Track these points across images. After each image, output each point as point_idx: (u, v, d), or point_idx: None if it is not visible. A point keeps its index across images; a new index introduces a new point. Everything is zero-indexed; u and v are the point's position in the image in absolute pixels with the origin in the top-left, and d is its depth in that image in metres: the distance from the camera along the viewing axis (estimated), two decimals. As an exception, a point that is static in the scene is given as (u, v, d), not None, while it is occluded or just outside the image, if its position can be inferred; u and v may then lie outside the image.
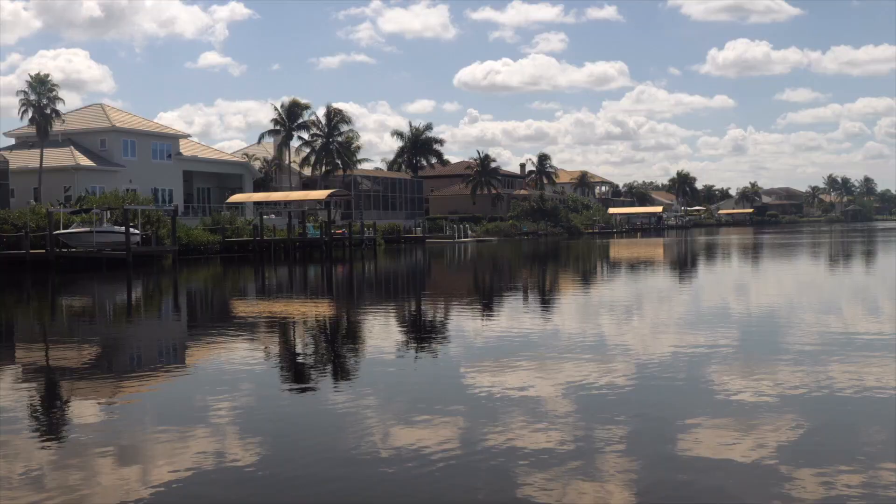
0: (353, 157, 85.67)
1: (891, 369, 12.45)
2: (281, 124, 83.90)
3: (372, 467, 8.24)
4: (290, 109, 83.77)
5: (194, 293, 33.01)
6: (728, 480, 7.65)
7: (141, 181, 62.64)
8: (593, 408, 10.52)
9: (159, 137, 67.52)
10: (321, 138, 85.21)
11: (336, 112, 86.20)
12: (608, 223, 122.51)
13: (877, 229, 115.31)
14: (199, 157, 71.95)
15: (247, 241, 59.62)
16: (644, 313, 21.67)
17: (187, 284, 36.90)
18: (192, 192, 72.27)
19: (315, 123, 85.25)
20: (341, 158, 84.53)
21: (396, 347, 16.51)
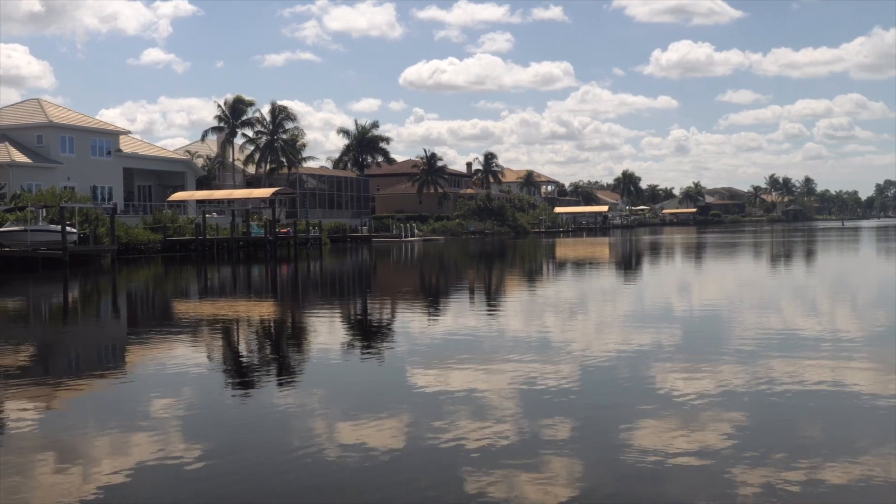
0: (298, 154, 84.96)
1: (829, 366, 12.69)
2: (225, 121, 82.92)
3: (317, 467, 8.13)
4: (234, 106, 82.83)
5: (134, 294, 32.32)
6: (672, 476, 7.69)
7: (79, 178, 61.28)
8: (538, 406, 10.51)
9: (99, 134, 66.10)
10: (266, 136, 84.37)
11: (281, 109, 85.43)
12: (554, 222, 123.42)
13: (817, 229, 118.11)
14: (139, 155, 70.64)
15: (189, 241, 58.72)
16: (589, 312, 21.78)
17: (127, 285, 36.14)
18: (132, 189, 70.89)
19: (259, 121, 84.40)
20: (286, 156, 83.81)
21: (342, 347, 16.33)
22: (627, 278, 35.09)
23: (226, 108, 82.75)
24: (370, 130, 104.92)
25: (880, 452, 8.20)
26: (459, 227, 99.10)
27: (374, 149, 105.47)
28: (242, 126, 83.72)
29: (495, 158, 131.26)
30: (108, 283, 36.52)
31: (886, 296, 24.90)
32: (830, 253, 52.90)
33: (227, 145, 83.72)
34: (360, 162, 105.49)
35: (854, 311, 20.62)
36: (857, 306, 21.99)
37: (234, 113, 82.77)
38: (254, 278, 39.57)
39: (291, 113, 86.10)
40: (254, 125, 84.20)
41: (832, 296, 25.36)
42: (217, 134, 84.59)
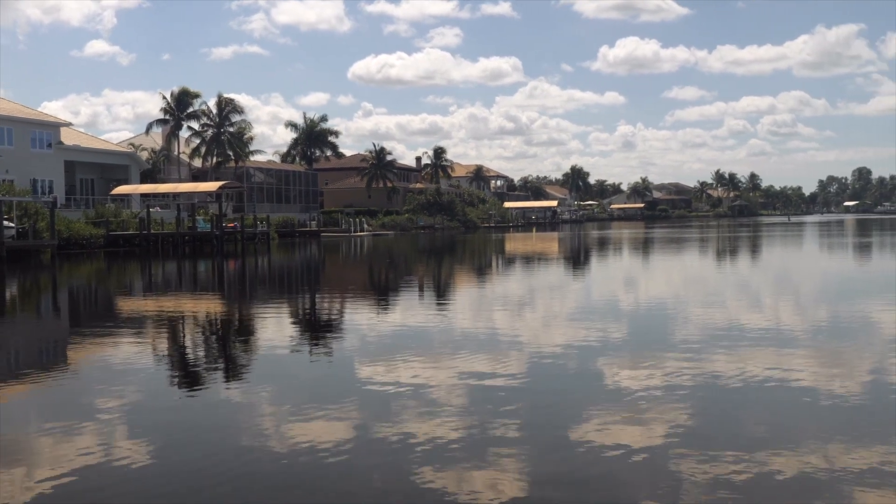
0: (245, 148, 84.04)
1: (772, 359, 12.87)
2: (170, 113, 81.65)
3: (266, 464, 8.03)
4: (179, 98, 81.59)
5: (76, 290, 31.65)
6: (619, 469, 7.74)
7: (18, 171, 59.78)
8: (487, 400, 10.51)
9: (39, 125, 64.55)
10: (212, 128, 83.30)
11: (228, 102, 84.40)
12: (504, 217, 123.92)
13: (762, 224, 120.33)
14: (82, 147, 69.17)
15: (133, 235, 57.69)
16: (537, 307, 21.87)
17: (68, 281, 35.38)
18: (74, 183, 69.42)
19: (206, 113, 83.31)
20: (233, 149, 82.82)
21: (290, 343, 16.16)
22: (576, 273, 35.35)
23: (171, 100, 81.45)
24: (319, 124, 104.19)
25: (823, 445, 8.35)
26: (409, 221, 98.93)
27: (322, 142, 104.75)
28: (188, 118, 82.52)
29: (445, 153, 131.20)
30: (48, 279, 35.70)
31: (829, 290, 25.43)
32: (774, 248, 53.89)
33: (173, 138, 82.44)
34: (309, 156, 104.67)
35: (797, 306, 20.99)
36: (801, 301, 22.39)
37: (180, 105, 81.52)
38: (200, 274, 39.03)
39: (238, 105, 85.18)
40: (200, 118, 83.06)
41: (776, 290, 25.81)
42: (162, 126, 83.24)
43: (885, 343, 14.50)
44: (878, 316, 18.12)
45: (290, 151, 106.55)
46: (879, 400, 10.31)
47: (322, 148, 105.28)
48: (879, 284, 26.99)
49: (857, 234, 73.89)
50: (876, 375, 11.70)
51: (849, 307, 19.94)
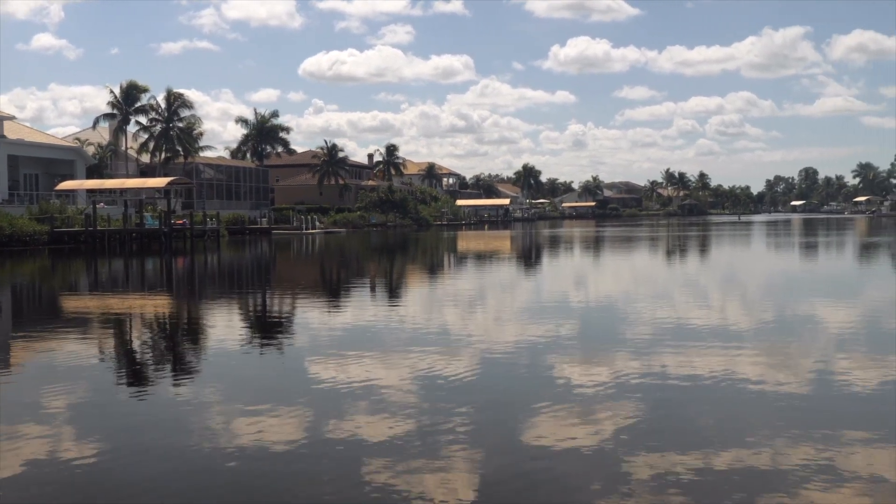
0: (194, 143, 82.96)
1: (719, 357, 13.06)
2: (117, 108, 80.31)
3: (215, 462, 7.95)
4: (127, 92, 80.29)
5: (19, 288, 30.96)
6: (568, 465, 7.80)
7: (-40, 166, 58.25)
8: (438, 397, 10.52)
9: (-19, 119, 62.97)
10: (161, 123, 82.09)
11: (177, 96, 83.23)
12: (456, 215, 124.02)
13: (711, 223, 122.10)
14: (25, 141, 67.68)
15: (78, 232, 56.57)
16: (488, 305, 21.93)
17: (10, 279, 34.57)
18: (17, 178, 67.81)
19: (154, 108, 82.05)
20: (182, 145, 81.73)
21: (240, 341, 15.99)
22: (527, 271, 35.53)
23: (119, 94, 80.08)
24: (269, 120, 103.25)
25: (769, 441, 8.49)
26: (361, 219, 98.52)
27: (273, 139, 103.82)
28: (136, 113, 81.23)
29: (397, 150, 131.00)
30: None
31: (775, 288, 25.90)
32: (723, 247, 54.72)
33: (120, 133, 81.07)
34: (260, 152, 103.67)
35: (744, 304, 21.33)
36: (748, 298, 22.76)
37: (128, 99, 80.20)
38: (148, 271, 38.45)
39: (188, 100, 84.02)
40: (148, 112, 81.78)
41: (724, 288, 26.21)
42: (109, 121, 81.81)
43: (828, 340, 14.81)
44: (822, 313, 18.50)
45: (241, 147, 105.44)
46: (824, 396, 10.53)
47: (273, 144, 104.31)
48: (823, 282, 27.58)
49: (803, 233, 75.39)
50: (820, 372, 11.94)
51: (794, 305, 20.32)
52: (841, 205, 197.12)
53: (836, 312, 18.55)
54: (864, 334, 15.66)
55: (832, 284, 26.62)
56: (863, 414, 9.50)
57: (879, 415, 9.49)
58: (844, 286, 25.98)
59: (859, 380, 11.24)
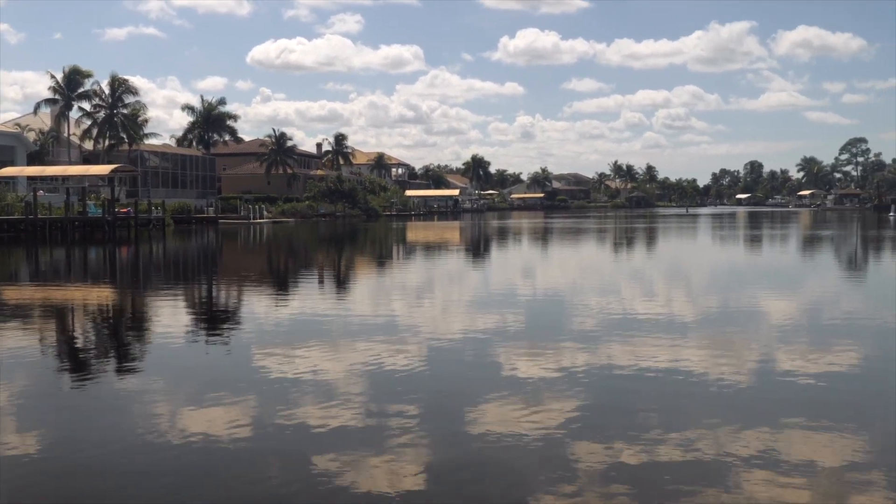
0: (139, 130, 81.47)
1: (664, 347, 13.25)
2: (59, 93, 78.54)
3: (160, 454, 7.86)
4: (70, 77, 78.54)
5: (-43, 275, 30.12)
6: (515, 454, 7.85)
7: None
8: (385, 388, 10.53)
9: (-84, 103, 61.07)
10: (105, 109, 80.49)
11: (121, 82, 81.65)
12: (406, 205, 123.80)
13: (658, 215, 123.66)
14: (-37, 127, 65.80)
15: (18, 220, 55.26)
16: (436, 295, 21.95)
17: (-52, 266, 33.64)
18: (-45, 164, 66.01)
19: (98, 94, 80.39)
20: (127, 132, 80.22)
21: (185, 332, 15.78)
22: (475, 262, 35.63)
23: (61, 79, 78.30)
24: (217, 107, 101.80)
25: (712, 430, 8.64)
26: (310, 208, 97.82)
27: (220, 127, 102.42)
28: (79, 99, 79.52)
29: (346, 139, 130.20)
30: (-73, 265, 33.88)
31: (719, 279, 26.33)
32: (669, 239, 55.45)
33: (63, 119, 79.30)
34: (206, 140, 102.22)
35: (689, 295, 21.65)
36: (692, 290, 23.10)
37: (71, 85, 78.47)
38: (90, 261, 37.72)
39: (132, 86, 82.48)
40: (92, 98, 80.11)
41: (669, 280, 26.57)
42: (51, 107, 79.96)
43: (770, 330, 15.11)
44: (764, 304, 18.86)
45: (187, 135, 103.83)
46: (765, 385, 10.74)
47: (220, 132, 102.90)
48: (767, 275, 28.12)
49: (749, 226, 76.73)
50: (762, 362, 12.18)
51: (738, 296, 20.69)
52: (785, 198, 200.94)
53: (778, 304, 18.93)
54: (805, 325, 16.00)
55: (775, 277, 27.16)
56: (803, 402, 9.72)
57: (819, 403, 9.71)
58: (786, 278, 26.52)
59: (800, 369, 11.49)
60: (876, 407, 9.67)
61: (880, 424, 8.94)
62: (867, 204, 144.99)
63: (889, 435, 8.56)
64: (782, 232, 62.85)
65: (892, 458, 7.78)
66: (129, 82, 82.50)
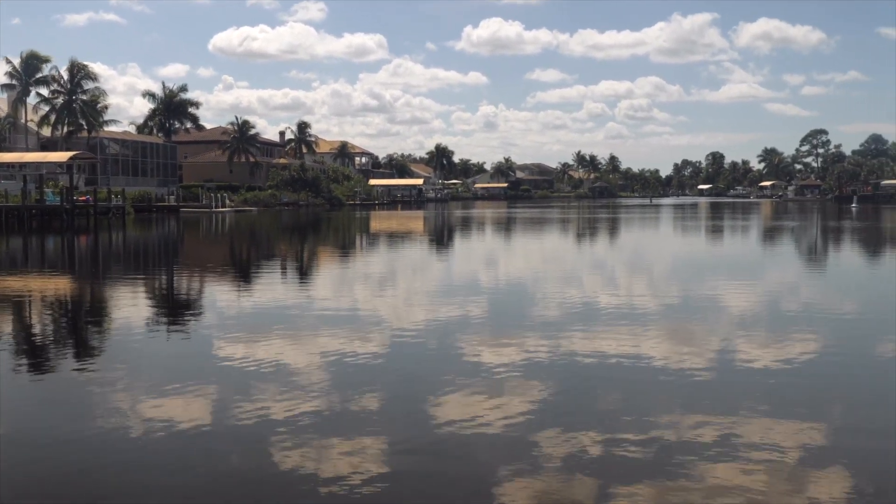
0: (99, 117, 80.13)
1: (625, 337, 13.37)
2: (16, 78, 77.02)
3: (121, 444, 7.77)
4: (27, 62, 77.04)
5: None
6: (478, 444, 7.88)
7: None
8: (348, 377, 10.51)
9: None
10: (63, 95, 79.05)
11: (80, 68, 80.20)
12: (369, 195, 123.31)
13: (621, 205, 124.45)
14: (-84, 113, 64.35)
15: (-26, 208, 54.18)
16: (399, 285, 21.93)
17: None
18: None
19: (56, 79, 78.91)
20: (86, 118, 78.85)
21: (146, 322, 15.60)
22: (439, 252, 35.64)
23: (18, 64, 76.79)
24: (178, 94, 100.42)
25: (673, 419, 8.74)
26: (272, 197, 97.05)
27: (182, 114, 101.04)
28: (37, 84, 77.98)
29: (309, 128, 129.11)
30: None
31: (681, 269, 26.59)
32: (632, 229, 55.84)
33: (19, 105, 77.76)
34: (168, 127, 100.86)
35: (650, 285, 21.84)
36: (654, 280, 23.31)
37: (28, 70, 76.95)
38: (48, 250, 37.13)
39: (92, 72, 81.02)
40: (50, 84, 78.60)
41: (632, 270, 26.77)
42: (8, 92, 78.38)
43: (731, 320, 15.29)
44: (725, 294, 19.08)
45: (148, 122, 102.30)
46: (726, 374, 10.87)
47: (182, 119, 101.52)
48: (727, 265, 28.44)
49: (711, 217, 77.51)
50: (723, 351, 12.33)
51: (699, 286, 20.90)
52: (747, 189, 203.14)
53: (739, 294, 19.16)
54: (765, 315, 16.22)
55: (736, 267, 27.47)
56: (762, 391, 9.85)
57: (778, 392, 9.85)
58: (747, 269, 26.84)
59: (759, 358, 11.65)
60: (833, 395, 9.85)
61: (838, 412, 9.10)
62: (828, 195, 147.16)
63: (846, 422, 8.73)
64: (744, 223, 63.61)
65: (850, 444, 7.93)
66: (89, 68, 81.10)
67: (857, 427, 8.57)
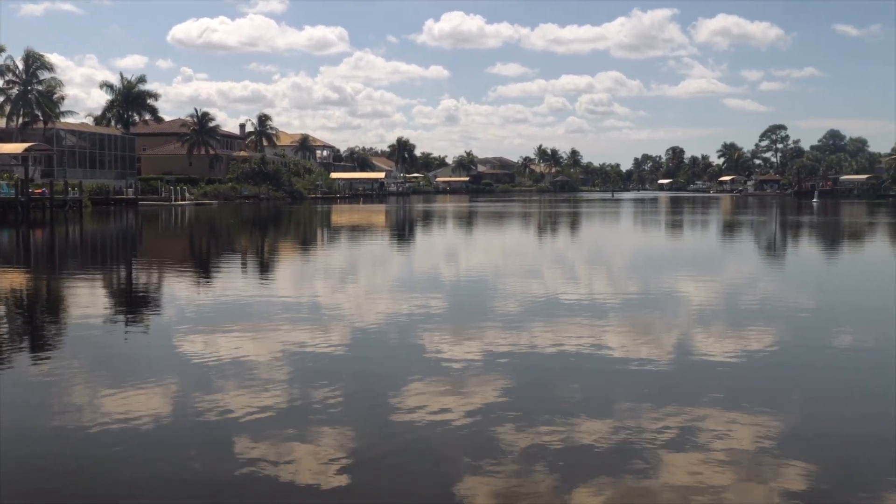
0: (55, 108, 78.72)
1: (585, 330, 13.47)
2: (-31, 69, 75.35)
3: (79, 441, 7.68)
4: (-20, 53, 75.35)
5: None
6: (439, 437, 7.89)
7: None
8: (309, 372, 10.47)
9: None
10: (18, 86, 77.55)
11: (36, 57, 78.73)
12: (331, 188, 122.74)
13: (583, 199, 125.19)
14: None
15: (-74, 200, 53.01)
16: (360, 279, 21.88)
17: None
18: None
19: (11, 69, 77.38)
20: (42, 109, 77.40)
21: (104, 317, 15.41)
22: (401, 246, 35.60)
23: (-30, 54, 75.15)
24: (136, 85, 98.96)
25: (632, 410, 8.83)
26: (233, 190, 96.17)
27: (140, 105, 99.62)
28: (-9, 74, 76.45)
29: (270, 121, 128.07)
30: None
31: (639, 264, 26.83)
32: (593, 223, 56.19)
33: (-27, 95, 76.20)
34: (126, 119, 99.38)
35: (610, 279, 22.01)
36: (614, 274, 23.50)
37: (-19, 60, 75.36)
38: (2, 244, 36.46)
39: (48, 62, 79.54)
40: (4, 74, 77.05)
41: (592, 264, 26.96)
42: (-40, 82, 76.77)
43: (690, 314, 15.47)
44: (684, 288, 19.29)
45: (106, 114, 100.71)
46: (684, 368, 11.00)
47: (140, 111, 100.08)
48: (687, 259, 28.75)
49: (672, 211, 78.25)
50: (682, 345, 12.47)
51: (658, 280, 21.11)
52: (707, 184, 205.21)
53: (698, 288, 19.38)
54: (723, 309, 16.43)
55: (695, 262, 27.77)
56: (721, 384, 9.98)
57: (736, 385, 9.98)
58: (706, 263, 27.15)
59: (717, 352, 11.80)
60: (790, 388, 9.99)
61: (794, 405, 9.24)
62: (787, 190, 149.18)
63: (803, 415, 8.87)
64: (703, 217, 64.32)
65: (806, 436, 8.07)
66: (45, 58, 79.59)
67: (815, 416, 8.73)
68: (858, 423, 8.51)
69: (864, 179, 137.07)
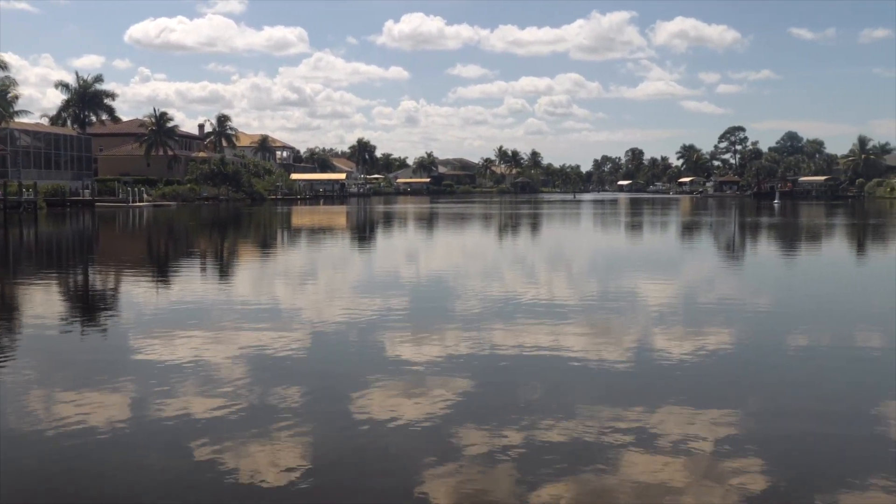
0: (9, 107, 77.27)
1: (545, 331, 13.55)
2: (-81, 68, 73.78)
3: (34, 447, 7.57)
4: (-70, 51, 73.70)
5: None
6: (398, 439, 7.90)
7: None
8: (268, 374, 10.43)
9: None
10: (-30, 86, 75.98)
11: (-12, 58, 77.19)
12: (291, 189, 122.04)
13: (543, 200, 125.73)
14: None
15: None
16: (320, 281, 21.81)
17: None
18: None
19: (-38, 69, 75.79)
20: (-6, 110, 75.94)
21: (59, 320, 15.19)
22: (361, 247, 35.51)
23: (-80, 52, 73.58)
24: (93, 85, 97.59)
25: (592, 410, 8.91)
26: (192, 192, 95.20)
27: (97, 105, 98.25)
28: (-59, 74, 74.91)
29: (229, 121, 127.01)
30: None
31: (599, 265, 27.05)
32: (554, 224, 56.48)
33: (-77, 95, 74.59)
34: (82, 119, 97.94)
35: (570, 280, 22.16)
36: (574, 275, 23.66)
37: (-69, 58, 73.82)
38: (-45, 244, 35.73)
39: (1, 61, 78.05)
40: (-45, 73, 75.57)
41: (552, 265, 27.12)
42: None
43: (649, 314, 15.63)
44: (643, 289, 19.49)
45: (61, 114, 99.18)
46: (644, 368, 11.11)
47: (97, 111, 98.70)
48: (646, 260, 29.03)
49: (632, 212, 78.89)
50: (641, 345, 12.60)
51: (617, 281, 21.29)
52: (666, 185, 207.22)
53: (657, 289, 19.59)
54: (682, 309, 16.62)
55: (655, 262, 28.05)
56: (680, 384, 10.11)
57: (695, 384, 10.12)
58: (666, 264, 27.43)
59: (676, 352, 11.94)
60: (749, 388, 10.14)
61: (753, 404, 9.38)
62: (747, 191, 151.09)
63: (762, 414, 9.01)
64: (663, 218, 64.95)
65: (765, 435, 8.19)
66: (-2, 57, 78.28)
67: (774, 415, 8.87)
68: (817, 422, 8.66)
69: (823, 181, 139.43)
